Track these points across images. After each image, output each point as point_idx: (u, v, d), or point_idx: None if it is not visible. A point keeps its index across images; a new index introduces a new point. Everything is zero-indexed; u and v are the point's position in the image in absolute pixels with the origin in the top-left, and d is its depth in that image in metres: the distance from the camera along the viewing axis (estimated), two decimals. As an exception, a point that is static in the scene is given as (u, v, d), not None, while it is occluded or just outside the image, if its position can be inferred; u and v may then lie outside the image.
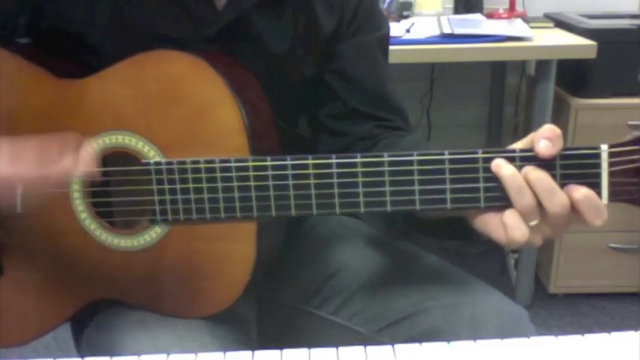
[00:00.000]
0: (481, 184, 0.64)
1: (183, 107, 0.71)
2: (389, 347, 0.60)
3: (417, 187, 0.65)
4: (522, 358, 0.59)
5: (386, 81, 0.91)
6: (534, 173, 0.62)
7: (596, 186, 0.62)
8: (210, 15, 0.79)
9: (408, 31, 1.85)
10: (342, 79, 0.88)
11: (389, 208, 0.66)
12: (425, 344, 0.61)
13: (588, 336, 0.61)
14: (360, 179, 0.66)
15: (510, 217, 0.63)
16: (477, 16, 2.10)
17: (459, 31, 1.80)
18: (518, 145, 0.65)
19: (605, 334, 0.61)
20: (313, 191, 0.67)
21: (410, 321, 0.82)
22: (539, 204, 0.62)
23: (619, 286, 2.09)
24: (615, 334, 0.61)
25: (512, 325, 0.78)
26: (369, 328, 0.85)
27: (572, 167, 0.62)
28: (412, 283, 0.85)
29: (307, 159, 0.66)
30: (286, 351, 0.61)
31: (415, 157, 0.65)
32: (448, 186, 0.65)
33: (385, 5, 2.01)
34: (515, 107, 2.42)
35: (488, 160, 0.63)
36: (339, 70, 0.88)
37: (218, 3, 0.80)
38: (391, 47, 0.94)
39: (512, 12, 2.14)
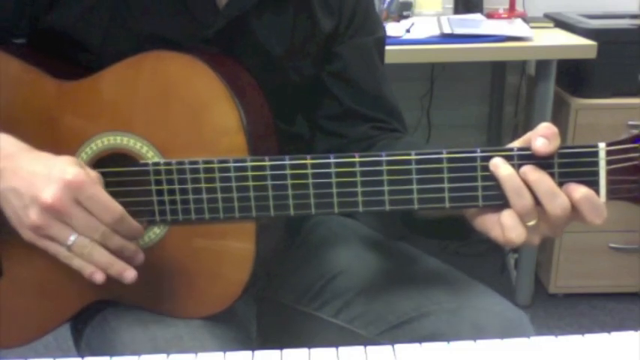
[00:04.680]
0: (479, 183, 0.64)
1: (181, 108, 0.71)
2: (389, 347, 0.60)
3: (415, 187, 0.65)
4: (522, 359, 0.59)
5: (382, 83, 0.91)
6: (534, 175, 0.61)
7: (594, 184, 0.62)
8: (210, 15, 0.79)
9: (408, 31, 1.85)
10: (339, 80, 0.89)
11: (387, 208, 0.66)
12: (425, 344, 0.61)
13: (588, 336, 0.61)
14: (359, 179, 0.66)
15: (508, 218, 0.63)
16: (476, 16, 2.10)
17: (459, 31, 1.80)
18: (515, 144, 0.64)
19: (605, 334, 0.61)
20: (312, 191, 0.67)
21: (411, 325, 0.82)
22: (538, 204, 0.62)
23: (619, 286, 2.09)
24: (615, 334, 0.61)
25: (514, 329, 0.78)
26: (370, 331, 0.85)
27: (569, 166, 0.62)
28: (413, 286, 0.85)
29: (305, 159, 0.66)
30: (286, 351, 0.61)
31: (413, 157, 0.64)
32: (446, 185, 0.64)
33: (385, 5, 2.01)
34: (515, 107, 2.42)
35: (487, 159, 0.63)
36: (337, 71, 0.88)
37: (219, 2, 0.80)
38: (391, 47, 0.94)
39: (512, 12, 2.14)
